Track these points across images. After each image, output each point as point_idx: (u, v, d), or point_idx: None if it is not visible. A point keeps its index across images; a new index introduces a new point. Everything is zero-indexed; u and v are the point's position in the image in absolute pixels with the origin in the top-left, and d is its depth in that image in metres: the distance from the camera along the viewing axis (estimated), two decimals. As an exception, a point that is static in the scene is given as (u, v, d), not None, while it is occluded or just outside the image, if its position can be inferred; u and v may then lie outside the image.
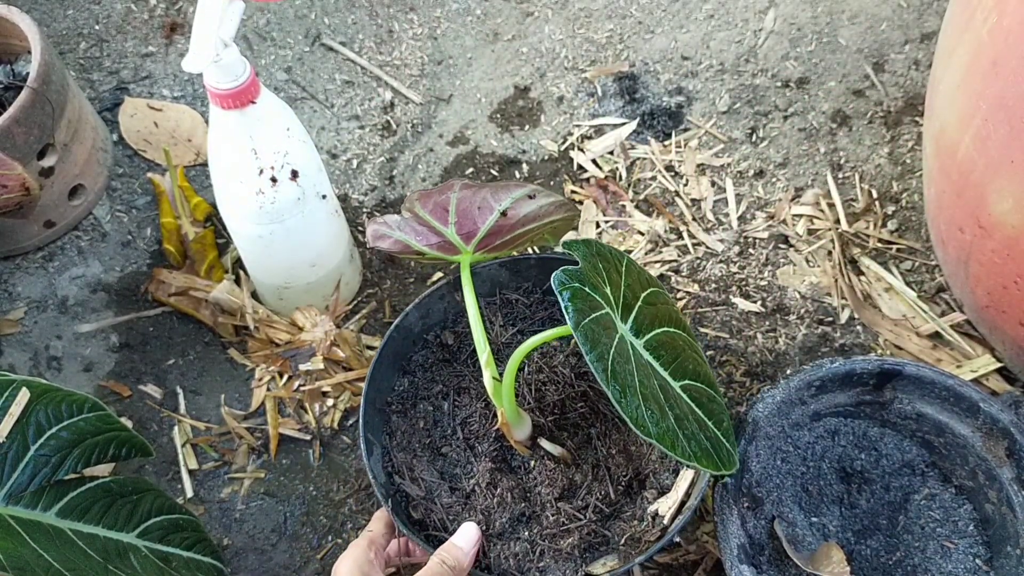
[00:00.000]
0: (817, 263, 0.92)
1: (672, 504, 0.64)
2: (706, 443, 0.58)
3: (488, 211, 0.62)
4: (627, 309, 0.59)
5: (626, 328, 0.59)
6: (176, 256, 0.93)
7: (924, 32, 1.07)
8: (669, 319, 0.62)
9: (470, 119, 1.06)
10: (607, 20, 1.13)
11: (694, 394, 0.60)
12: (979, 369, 0.82)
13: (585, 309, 0.55)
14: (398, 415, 0.73)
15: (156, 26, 1.14)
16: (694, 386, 0.61)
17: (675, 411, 0.57)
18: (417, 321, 0.75)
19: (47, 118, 0.88)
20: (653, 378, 0.58)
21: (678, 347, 0.61)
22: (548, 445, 0.68)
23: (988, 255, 0.71)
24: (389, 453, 0.71)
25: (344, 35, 1.13)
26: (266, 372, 0.86)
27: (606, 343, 0.55)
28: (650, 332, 0.60)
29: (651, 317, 0.61)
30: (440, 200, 0.63)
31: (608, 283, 0.59)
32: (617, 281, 0.60)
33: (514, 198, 0.62)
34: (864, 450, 0.73)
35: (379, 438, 0.71)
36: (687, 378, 0.61)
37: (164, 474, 0.83)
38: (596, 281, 0.58)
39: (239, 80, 0.66)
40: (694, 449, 0.57)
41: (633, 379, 0.55)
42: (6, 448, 0.64)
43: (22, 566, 0.61)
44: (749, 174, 0.99)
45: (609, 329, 0.57)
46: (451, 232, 0.61)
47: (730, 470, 0.59)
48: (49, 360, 0.90)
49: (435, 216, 0.63)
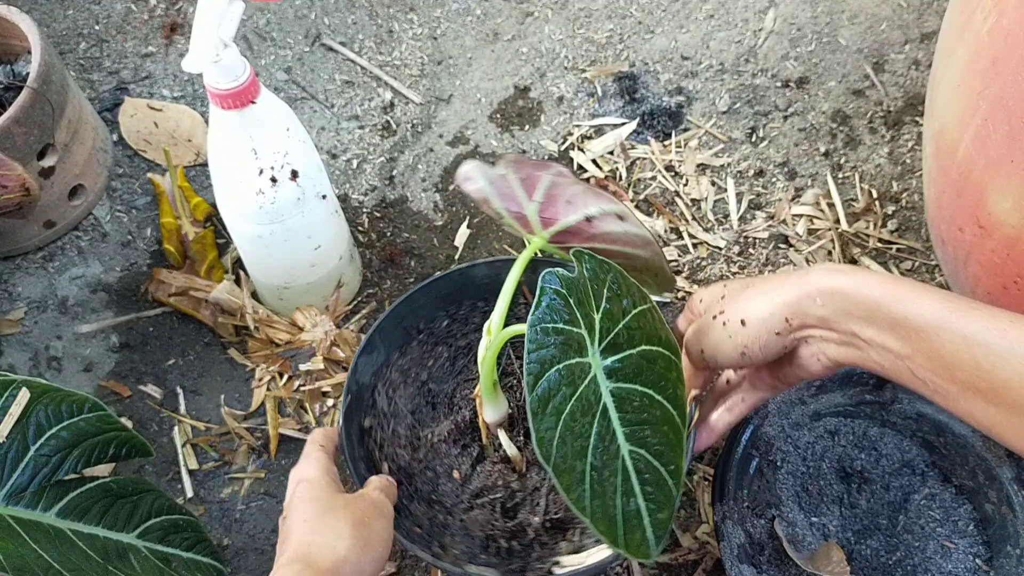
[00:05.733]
0: (817, 263, 0.92)
1: (572, 568, 0.61)
2: (620, 515, 0.51)
3: (574, 209, 0.59)
4: (613, 348, 0.54)
5: (599, 362, 0.53)
6: (176, 256, 0.93)
7: (924, 32, 1.07)
8: (659, 386, 0.55)
9: (470, 119, 1.06)
10: (607, 20, 1.13)
11: (641, 466, 0.53)
12: (979, 369, 0.82)
13: (558, 313, 0.52)
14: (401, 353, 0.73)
15: (156, 26, 1.14)
16: (646, 459, 0.53)
17: (600, 462, 0.51)
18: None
19: (47, 118, 0.88)
20: (598, 421, 0.52)
21: (652, 417, 0.54)
22: (504, 439, 0.66)
23: (988, 255, 0.71)
24: (381, 378, 0.71)
25: (344, 35, 1.13)
26: (266, 372, 0.86)
27: (559, 357, 0.51)
28: (627, 384, 0.54)
29: (636, 372, 0.54)
30: (534, 175, 0.59)
31: (599, 311, 0.54)
32: (616, 316, 0.54)
33: (603, 210, 0.58)
34: (864, 450, 0.73)
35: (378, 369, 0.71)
36: (644, 448, 0.53)
37: (164, 474, 0.83)
38: (588, 301, 0.54)
39: (239, 80, 0.66)
40: (597, 508, 0.50)
41: (566, 403, 0.50)
42: (6, 448, 0.64)
43: (22, 566, 0.61)
44: (749, 174, 0.99)
45: (573, 348, 0.52)
46: (533, 210, 0.58)
47: (637, 557, 0.52)
48: (49, 360, 0.90)
49: (524, 186, 0.60)
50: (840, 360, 0.49)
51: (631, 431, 0.53)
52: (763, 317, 0.49)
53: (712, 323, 0.53)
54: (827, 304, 0.47)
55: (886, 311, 0.45)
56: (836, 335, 0.48)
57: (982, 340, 0.41)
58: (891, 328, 0.44)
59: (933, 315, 0.43)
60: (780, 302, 0.49)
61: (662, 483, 0.53)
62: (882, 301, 0.45)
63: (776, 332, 0.49)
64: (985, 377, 0.41)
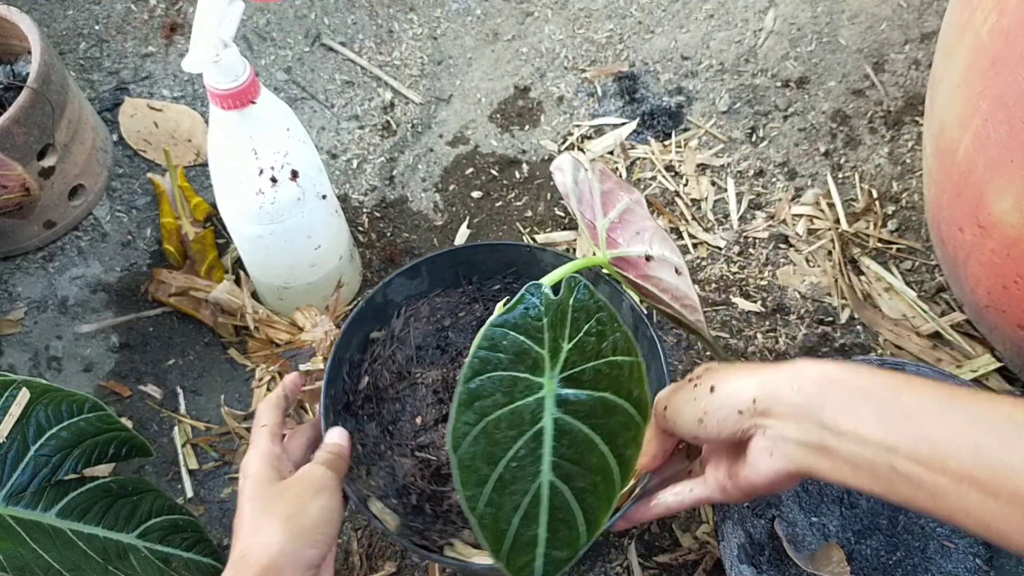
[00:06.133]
0: (817, 263, 0.92)
1: (459, 557, 0.61)
2: (512, 533, 0.51)
3: (639, 242, 0.57)
4: (574, 381, 0.52)
5: (554, 388, 0.52)
6: (176, 256, 0.93)
7: (924, 32, 1.07)
8: (608, 436, 0.53)
9: (470, 119, 1.06)
10: (607, 20, 1.13)
11: (557, 501, 0.52)
12: (979, 369, 0.82)
13: (523, 325, 0.51)
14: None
15: (156, 26, 1.14)
16: (565, 496, 0.52)
17: (511, 477, 0.51)
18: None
19: (47, 118, 0.88)
20: (527, 439, 0.51)
21: (589, 461, 0.53)
22: None
23: (988, 255, 0.71)
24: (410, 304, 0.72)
25: (344, 35, 1.13)
26: (266, 372, 0.86)
27: (505, 365, 0.50)
28: (575, 420, 0.52)
29: (590, 414, 0.53)
30: (615, 192, 0.59)
31: (570, 341, 0.53)
32: (588, 354, 0.53)
33: (664, 256, 0.56)
34: (864, 450, 0.73)
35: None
36: (567, 485, 0.52)
37: (164, 474, 0.83)
38: (562, 328, 0.53)
39: (239, 80, 0.66)
40: (488, 515, 0.50)
41: (495, 409, 0.50)
42: (6, 448, 0.64)
43: (22, 566, 0.61)
44: (749, 174, 0.99)
45: (526, 364, 0.51)
46: (603, 226, 0.57)
47: (513, 575, 0.51)
48: (49, 360, 0.90)
49: (603, 199, 0.59)
50: (794, 461, 0.44)
51: (560, 464, 0.52)
52: (731, 391, 0.47)
53: (686, 384, 0.51)
54: (804, 391, 0.44)
55: (876, 396, 0.42)
56: (800, 431, 0.44)
57: (987, 422, 0.38)
58: (877, 416, 0.41)
59: (929, 399, 0.41)
60: (755, 381, 0.46)
61: (573, 526, 0.53)
62: (872, 386, 0.42)
63: (739, 410, 0.46)
64: (985, 464, 0.38)
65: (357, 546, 0.78)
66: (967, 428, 0.39)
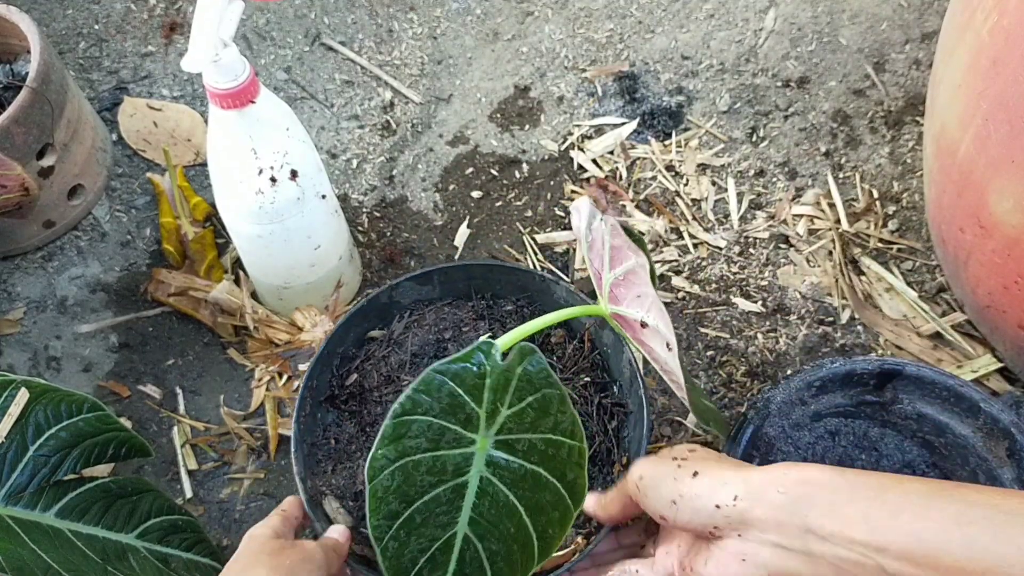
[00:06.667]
0: (818, 263, 0.92)
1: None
2: (413, 571, 0.53)
3: (638, 306, 0.56)
4: (508, 447, 0.52)
5: (487, 446, 0.53)
6: (175, 256, 0.93)
7: (925, 32, 1.07)
8: (533, 510, 0.53)
9: (470, 119, 1.06)
10: (607, 20, 1.13)
11: (467, 555, 0.53)
12: (980, 369, 0.82)
13: (466, 379, 0.51)
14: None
15: (155, 26, 1.14)
16: (479, 553, 0.53)
17: (421, 519, 0.52)
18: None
19: (46, 118, 0.87)
20: (448, 488, 0.52)
21: (507, 528, 0.54)
22: None
23: (988, 255, 0.71)
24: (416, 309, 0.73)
25: (344, 35, 1.13)
26: (266, 372, 0.86)
27: (437, 412, 0.50)
28: (502, 485, 0.53)
29: (517, 483, 0.53)
30: (623, 251, 0.58)
31: (510, 408, 0.53)
32: (526, 424, 0.52)
33: (659, 328, 0.55)
34: (865, 450, 0.73)
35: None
36: (482, 544, 0.53)
37: (163, 474, 0.83)
38: (503, 393, 0.52)
39: (238, 80, 0.66)
40: (392, 548, 0.52)
41: (416, 453, 0.50)
42: (5, 448, 0.64)
43: (21, 567, 0.61)
44: (749, 174, 0.99)
45: (459, 418, 0.52)
46: (608, 280, 0.57)
47: None
48: (48, 360, 0.90)
49: (611, 254, 0.59)
50: (768, 569, 0.44)
51: (479, 522, 0.53)
52: (714, 482, 0.46)
53: (668, 461, 0.50)
54: (789, 492, 0.43)
55: (862, 496, 0.41)
56: (781, 535, 0.43)
57: (976, 514, 0.38)
58: (864, 516, 0.41)
59: (916, 495, 0.40)
60: (740, 477, 0.45)
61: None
62: (857, 487, 0.41)
63: (716, 504, 0.45)
64: (979, 557, 0.37)
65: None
66: (957, 522, 0.38)
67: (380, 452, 0.52)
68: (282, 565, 0.51)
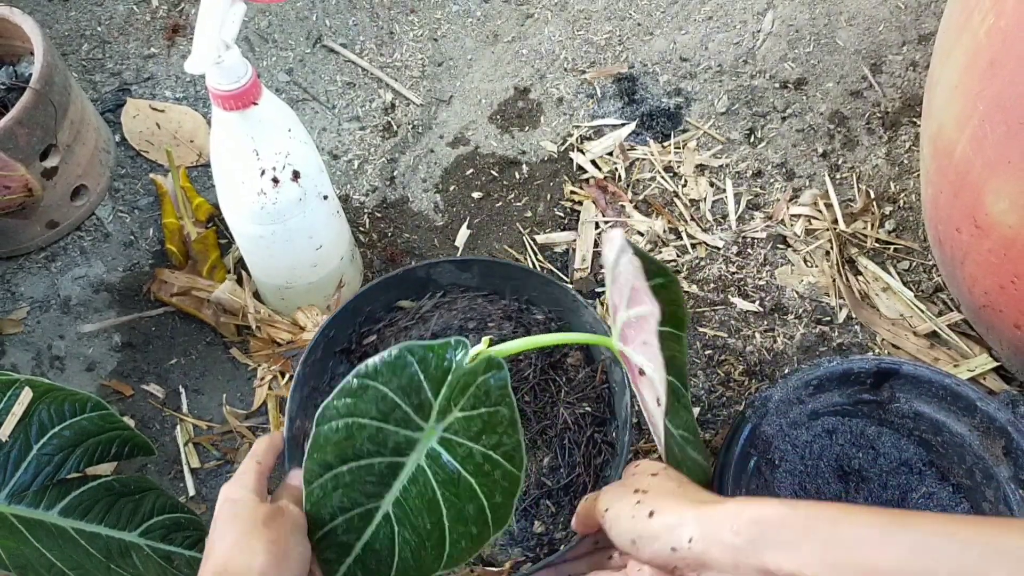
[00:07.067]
0: (815, 263, 0.92)
1: None
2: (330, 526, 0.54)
3: (641, 352, 0.57)
4: (449, 447, 0.54)
5: (436, 434, 0.54)
6: (178, 256, 0.94)
7: (921, 33, 1.07)
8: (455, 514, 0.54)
9: (470, 120, 1.07)
10: (606, 22, 1.13)
11: (381, 533, 0.55)
12: (976, 368, 0.83)
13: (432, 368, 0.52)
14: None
15: (158, 28, 1.14)
16: (390, 534, 0.55)
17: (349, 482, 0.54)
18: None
19: (49, 119, 0.88)
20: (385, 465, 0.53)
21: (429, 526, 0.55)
22: None
23: (985, 255, 0.71)
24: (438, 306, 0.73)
25: (345, 37, 1.13)
26: (268, 371, 0.87)
27: (394, 386, 0.52)
28: (435, 482, 0.54)
29: (450, 482, 0.54)
30: (641, 296, 0.57)
31: (461, 411, 0.53)
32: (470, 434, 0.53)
33: (653, 381, 0.55)
34: (862, 449, 0.74)
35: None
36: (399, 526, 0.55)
37: (166, 473, 0.84)
38: (459, 396, 0.53)
39: (241, 81, 0.67)
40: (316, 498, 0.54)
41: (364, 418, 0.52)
42: (9, 447, 0.64)
43: (24, 565, 0.61)
44: (747, 175, 1.00)
45: (413, 401, 0.53)
46: (622, 319, 0.58)
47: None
48: (52, 360, 0.90)
49: (630, 295, 0.58)
50: None
51: (403, 506, 0.54)
52: (669, 522, 0.46)
53: (629, 494, 0.50)
54: (743, 532, 0.42)
55: (818, 532, 0.41)
56: None
57: (934, 544, 0.38)
58: (821, 554, 0.40)
59: (872, 528, 0.40)
60: (695, 516, 0.45)
61: (386, 565, 0.55)
62: (812, 522, 0.41)
63: (672, 547, 0.45)
64: None
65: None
66: (914, 552, 0.38)
67: (334, 403, 0.54)
68: (278, 537, 0.51)
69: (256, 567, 0.49)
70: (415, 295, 0.74)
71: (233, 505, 0.54)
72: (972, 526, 0.39)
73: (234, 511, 0.53)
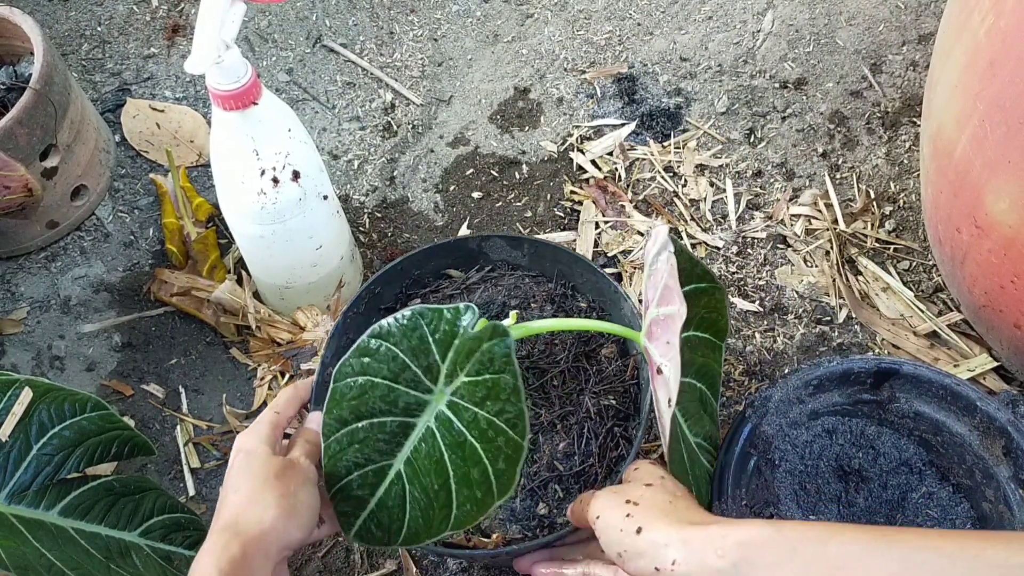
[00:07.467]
0: (815, 263, 0.92)
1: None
2: (345, 481, 0.56)
3: (662, 353, 0.57)
4: (455, 409, 0.55)
5: (445, 398, 0.55)
6: (178, 256, 0.94)
7: (921, 33, 1.07)
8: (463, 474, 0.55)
9: (470, 120, 1.07)
10: (606, 22, 1.13)
11: (394, 491, 0.56)
12: (976, 368, 0.83)
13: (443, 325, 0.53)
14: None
15: (158, 28, 1.14)
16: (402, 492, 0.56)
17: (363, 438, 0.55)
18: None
19: (49, 119, 0.88)
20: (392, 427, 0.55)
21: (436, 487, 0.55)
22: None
23: (985, 255, 0.71)
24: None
25: (345, 37, 1.13)
26: (268, 371, 0.87)
27: (408, 345, 0.53)
28: (443, 444, 0.55)
29: (457, 445, 0.54)
30: (672, 296, 0.58)
31: (466, 376, 0.54)
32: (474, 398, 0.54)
33: (669, 381, 0.56)
34: (862, 448, 0.74)
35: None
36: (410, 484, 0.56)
37: (166, 473, 0.84)
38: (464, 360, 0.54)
39: (241, 81, 0.67)
40: (333, 451, 0.56)
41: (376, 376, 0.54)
42: (9, 447, 0.64)
43: (24, 565, 0.61)
44: (747, 175, 1.00)
45: (422, 362, 0.54)
46: (651, 316, 0.58)
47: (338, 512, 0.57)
48: (52, 360, 0.90)
49: (663, 293, 0.59)
50: None
51: (414, 465, 0.56)
52: (655, 540, 0.46)
53: (621, 505, 0.50)
54: (728, 555, 0.43)
55: (801, 553, 0.41)
56: None
57: (921, 560, 0.39)
58: (806, 573, 0.41)
59: (855, 545, 0.40)
60: (681, 537, 0.46)
61: (398, 521, 0.56)
62: (796, 543, 0.42)
63: (656, 567, 0.46)
64: None
65: (358, 544, 0.78)
66: (902, 569, 0.39)
67: (350, 360, 0.55)
68: (288, 491, 0.53)
69: (267, 520, 0.51)
70: (465, 267, 0.75)
71: (247, 457, 0.55)
72: (957, 540, 0.39)
73: (248, 463, 0.55)
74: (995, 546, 0.39)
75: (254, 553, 0.49)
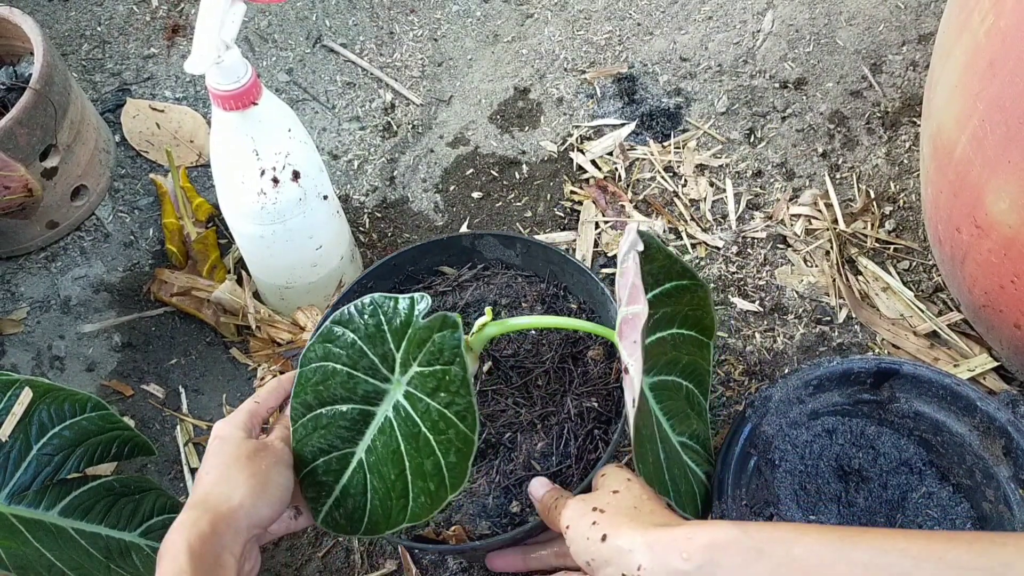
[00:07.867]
0: (815, 263, 0.92)
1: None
2: (312, 466, 0.57)
3: (628, 352, 0.57)
4: (410, 400, 0.55)
5: (402, 388, 0.56)
6: (178, 256, 0.94)
7: (921, 33, 1.07)
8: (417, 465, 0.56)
9: (470, 120, 1.07)
10: (606, 22, 1.13)
11: (355, 479, 0.57)
12: (976, 368, 0.83)
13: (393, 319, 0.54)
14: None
15: (158, 28, 1.14)
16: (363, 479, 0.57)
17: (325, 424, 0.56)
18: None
19: (49, 119, 0.88)
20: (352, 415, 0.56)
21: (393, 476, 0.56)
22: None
23: (985, 255, 0.71)
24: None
25: (345, 37, 1.13)
26: (268, 371, 0.87)
27: (364, 335, 0.54)
28: (399, 434, 0.55)
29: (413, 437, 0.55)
30: (638, 295, 0.58)
31: (419, 366, 0.55)
32: (429, 388, 0.54)
33: (632, 380, 0.56)
34: (862, 448, 0.74)
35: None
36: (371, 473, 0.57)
37: (166, 473, 0.84)
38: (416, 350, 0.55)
39: (241, 81, 0.67)
40: (300, 435, 0.57)
41: (336, 362, 0.55)
42: (9, 447, 0.64)
43: (24, 565, 0.61)
44: (747, 175, 1.00)
45: (378, 350, 0.55)
46: (621, 315, 0.58)
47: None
48: (52, 360, 0.90)
49: (631, 292, 0.59)
50: None
51: (374, 454, 0.56)
52: (621, 546, 0.47)
53: (588, 514, 0.50)
54: (693, 558, 0.43)
55: (768, 554, 0.41)
56: None
57: (888, 561, 0.39)
58: (771, 573, 0.41)
59: (822, 547, 0.40)
60: (646, 542, 0.46)
61: (360, 507, 0.57)
62: (763, 544, 0.42)
63: (622, 573, 0.46)
64: None
65: (358, 544, 0.78)
66: (868, 571, 0.39)
67: (314, 345, 0.57)
68: (259, 470, 0.54)
69: (236, 497, 0.52)
70: (458, 264, 0.75)
71: (221, 442, 0.57)
72: (922, 541, 0.39)
73: (221, 447, 0.56)
74: (958, 548, 0.39)
75: (223, 529, 0.50)
